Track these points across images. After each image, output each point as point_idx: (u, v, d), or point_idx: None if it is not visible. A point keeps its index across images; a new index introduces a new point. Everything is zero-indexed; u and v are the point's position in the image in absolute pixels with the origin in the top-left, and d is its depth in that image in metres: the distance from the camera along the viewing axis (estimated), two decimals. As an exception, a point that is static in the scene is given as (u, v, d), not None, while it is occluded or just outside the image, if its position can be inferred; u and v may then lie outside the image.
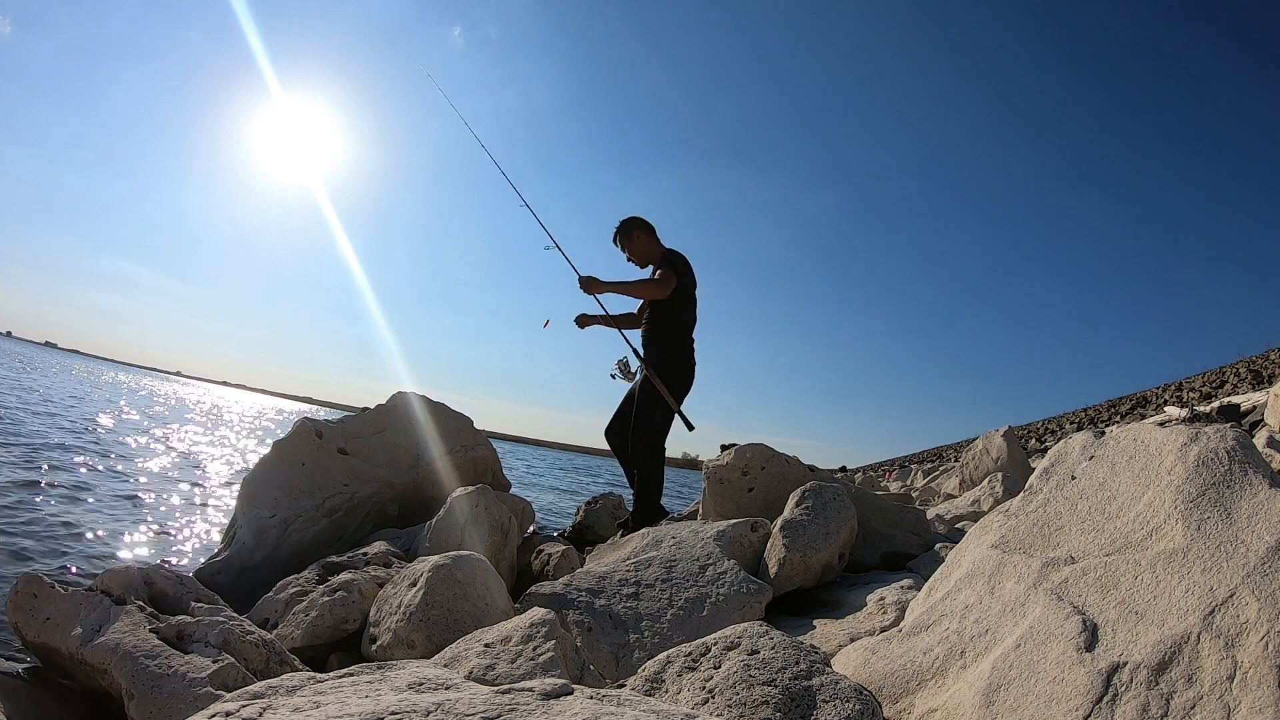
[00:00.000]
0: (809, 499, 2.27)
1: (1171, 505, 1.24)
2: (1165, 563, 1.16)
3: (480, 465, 3.97)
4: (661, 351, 3.56)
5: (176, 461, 8.85)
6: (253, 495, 3.27)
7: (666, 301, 3.54)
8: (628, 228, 3.78)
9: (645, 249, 3.74)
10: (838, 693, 1.15)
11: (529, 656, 1.43)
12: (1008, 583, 1.33)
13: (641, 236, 3.73)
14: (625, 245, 3.78)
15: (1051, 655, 1.11)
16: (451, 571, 1.92)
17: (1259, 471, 1.22)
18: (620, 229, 3.82)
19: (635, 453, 3.45)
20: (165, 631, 1.77)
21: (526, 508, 3.37)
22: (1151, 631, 1.07)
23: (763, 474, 2.92)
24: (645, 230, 3.75)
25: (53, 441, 7.96)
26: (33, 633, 1.85)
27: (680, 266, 3.62)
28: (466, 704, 0.87)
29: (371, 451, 3.63)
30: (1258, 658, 0.96)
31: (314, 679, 1.08)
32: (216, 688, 1.60)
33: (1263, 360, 20.79)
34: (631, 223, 3.79)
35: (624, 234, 3.78)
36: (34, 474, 5.78)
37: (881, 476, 16.14)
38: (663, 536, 2.36)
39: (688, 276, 3.63)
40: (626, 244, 3.76)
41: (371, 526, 3.51)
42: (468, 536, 2.57)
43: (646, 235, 3.74)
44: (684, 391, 3.57)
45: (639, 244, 3.73)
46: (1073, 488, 1.45)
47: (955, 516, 3.66)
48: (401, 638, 1.85)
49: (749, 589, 2.00)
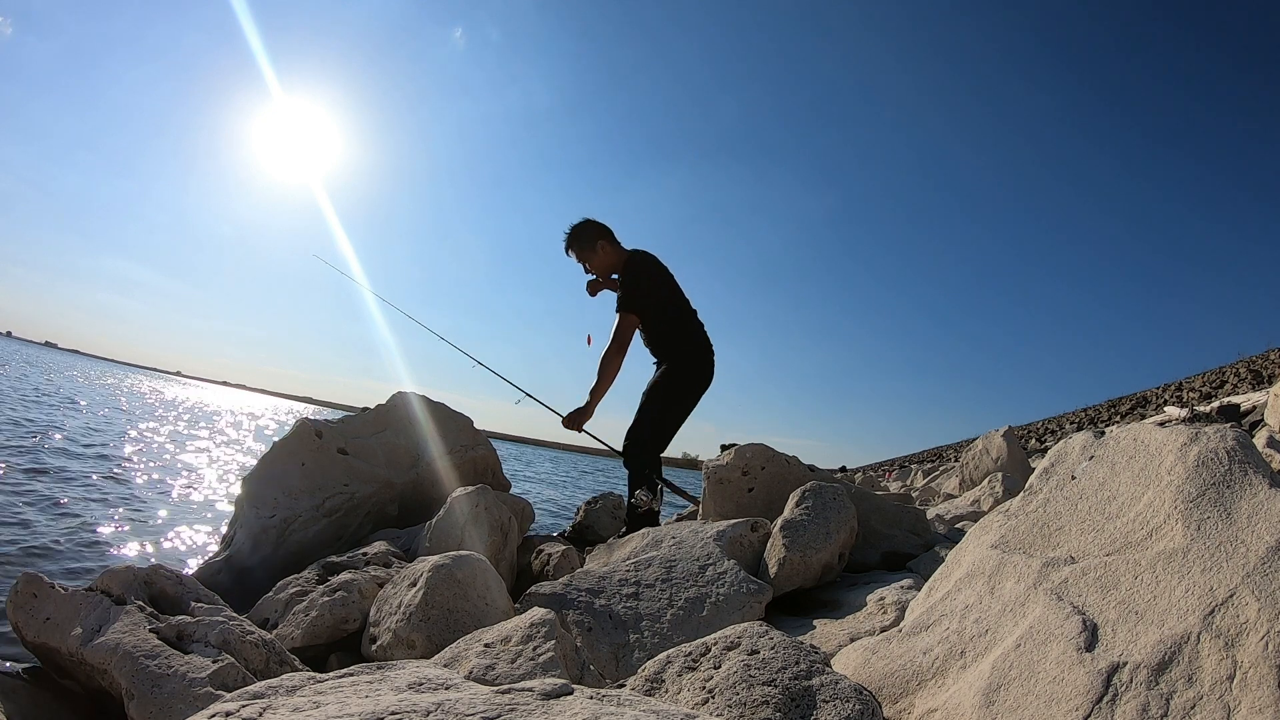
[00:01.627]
0: (809, 499, 2.27)
1: (1171, 505, 1.24)
2: (1165, 563, 1.16)
3: (480, 465, 3.97)
4: (672, 358, 3.35)
5: (176, 462, 8.85)
6: (253, 495, 3.27)
7: (641, 324, 3.25)
8: (589, 238, 3.37)
9: (609, 261, 3.39)
10: (838, 693, 1.15)
11: (529, 656, 1.43)
12: (1008, 583, 1.32)
13: (605, 248, 3.37)
14: (585, 258, 3.40)
15: (1051, 655, 1.11)
16: (451, 571, 1.92)
17: (1259, 471, 1.22)
18: (575, 240, 3.40)
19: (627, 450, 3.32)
20: (165, 631, 1.77)
21: (526, 508, 3.37)
22: (1151, 631, 1.07)
23: (763, 474, 2.91)
24: (607, 239, 3.38)
25: (52, 441, 7.96)
26: (33, 633, 1.85)
27: (638, 286, 3.25)
28: (466, 704, 0.87)
29: (371, 451, 3.63)
30: (1258, 658, 0.96)
31: (314, 679, 1.07)
32: (216, 688, 1.59)
33: (1263, 360, 20.79)
34: (591, 232, 3.38)
35: (582, 245, 3.39)
36: (34, 474, 5.78)
37: (881, 476, 16.14)
38: (663, 536, 2.36)
39: (648, 290, 3.29)
40: (587, 256, 3.39)
41: (371, 526, 3.51)
42: (468, 536, 2.57)
43: (610, 246, 3.37)
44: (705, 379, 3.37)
45: (603, 257, 3.38)
46: (1073, 488, 1.45)
47: (955, 516, 3.66)
48: (401, 638, 1.85)
49: (749, 589, 2.00)
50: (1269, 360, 20.29)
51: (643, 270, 3.32)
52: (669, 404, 3.34)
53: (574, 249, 3.42)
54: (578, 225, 3.40)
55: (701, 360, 3.41)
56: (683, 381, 3.36)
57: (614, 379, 3.29)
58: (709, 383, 3.42)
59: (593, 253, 3.38)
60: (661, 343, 3.42)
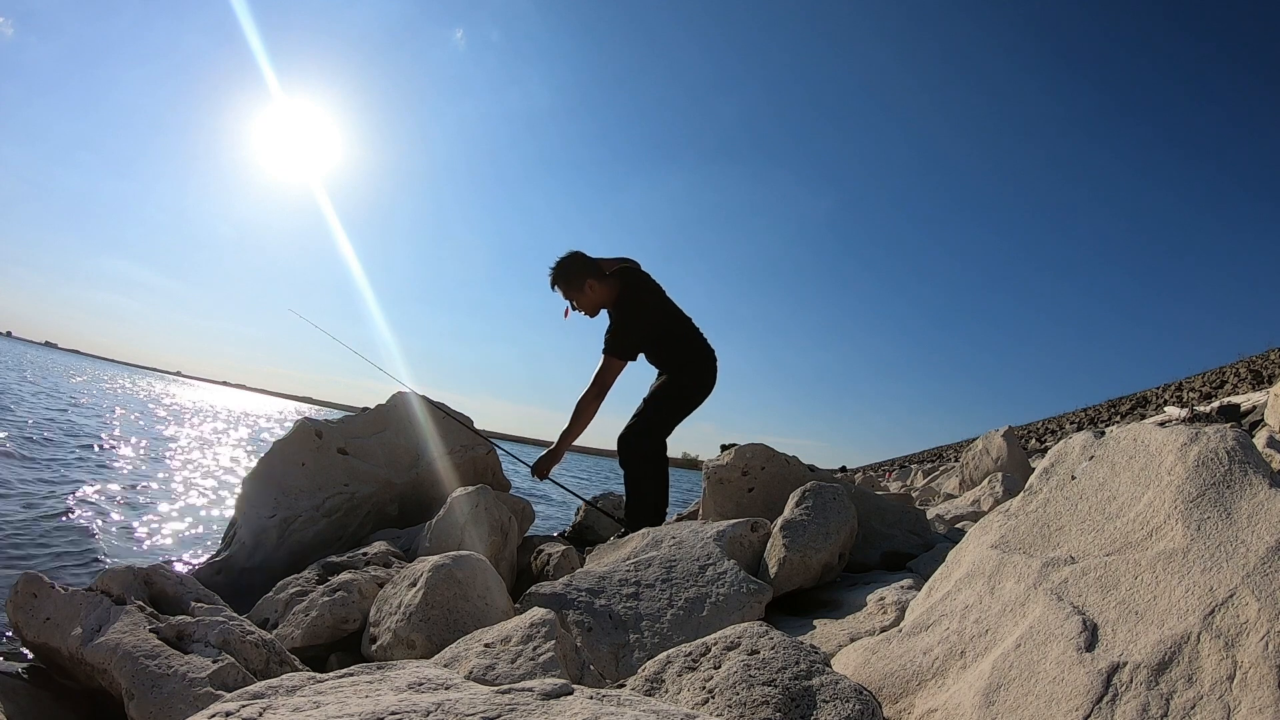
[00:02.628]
0: (809, 499, 2.27)
1: (1171, 505, 1.24)
2: (1165, 563, 1.15)
3: (480, 465, 3.97)
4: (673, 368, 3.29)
5: (176, 462, 8.85)
6: (253, 495, 3.27)
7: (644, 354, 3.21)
8: (577, 277, 3.21)
9: (598, 299, 3.25)
10: (838, 693, 1.15)
11: (529, 656, 1.43)
12: (1008, 583, 1.32)
13: (594, 287, 3.21)
14: (571, 295, 3.25)
15: (1051, 655, 1.11)
16: (451, 571, 1.92)
17: (1259, 471, 1.22)
18: (562, 277, 3.23)
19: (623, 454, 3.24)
20: (165, 631, 1.77)
21: (526, 508, 3.37)
22: (1151, 631, 1.07)
23: (763, 474, 2.91)
24: (596, 277, 3.21)
25: (51, 441, 7.96)
26: (33, 633, 1.85)
27: (628, 330, 3.14)
28: (466, 704, 0.87)
29: (371, 451, 3.63)
30: (1258, 658, 0.96)
31: (314, 679, 1.07)
32: (216, 688, 1.59)
33: (1263, 360, 20.78)
34: (579, 271, 3.22)
35: (569, 283, 3.23)
36: (34, 474, 5.78)
37: (881, 476, 16.14)
38: (663, 536, 2.36)
39: (639, 330, 3.18)
40: (574, 295, 3.24)
41: (371, 526, 3.51)
42: (468, 536, 2.57)
43: (599, 284, 3.21)
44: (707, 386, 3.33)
45: (590, 296, 3.23)
46: (1073, 488, 1.45)
47: (955, 516, 3.66)
48: (401, 638, 1.85)
49: (749, 589, 2.00)
50: (1269, 360, 20.28)
51: (633, 309, 3.21)
52: (667, 408, 3.29)
53: (560, 286, 3.26)
54: (565, 261, 3.25)
55: (704, 368, 3.36)
56: (684, 388, 3.31)
57: (588, 424, 3.19)
58: (710, 390, 3.38)
59: (580, 292, 3.23)
60: (665, 361, 3.39)
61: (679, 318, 3.39)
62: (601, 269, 3.27)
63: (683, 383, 3.33)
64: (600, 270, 3.26)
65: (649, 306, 3.28)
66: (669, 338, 3.33)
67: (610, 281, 3.26)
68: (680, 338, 3.35)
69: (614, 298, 3.24)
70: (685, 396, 3.33)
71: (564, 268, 3.25)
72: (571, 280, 3.23)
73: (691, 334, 3.40)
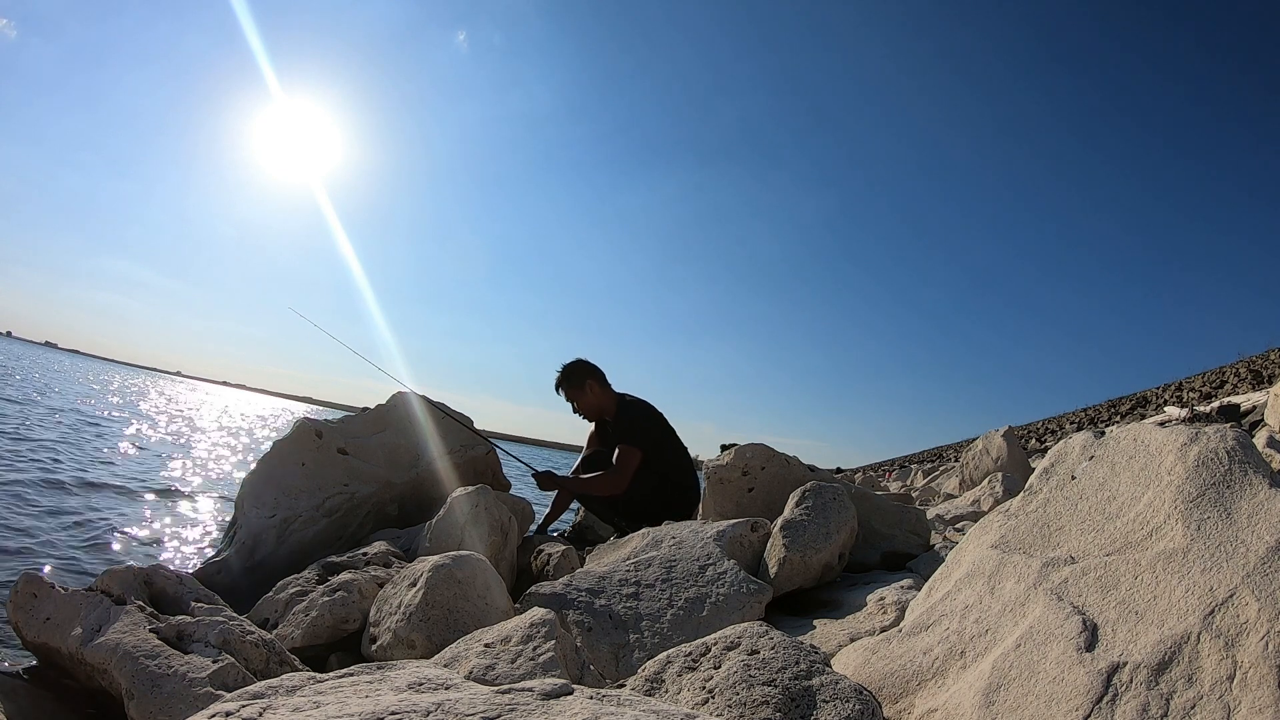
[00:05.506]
0: (809, 499, 2.27)
1: (1171, 505, 1.24)
2: (1165, 563, 1.16)
3: (480, 465, 3.96)
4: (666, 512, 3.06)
5: (176, 461, 8.85)
6: (253, 495, 3.26)
7: (638, 474, 3.12)
8: (579, 377, 3.34)
9: (598, 403, 3.33)
10: (838, 693, 1.15)
11: (529, 656, 1.43)
12: (1008, 583, 1.32)
13: (594, 388, 3.32)
14: (573, 396, 3.36)
15: (1051, 655, 1.11)
16: (451, 571, 1.92)
17: (1259, 471, 1.22)
18: (566, 379, 3.37)
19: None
20: (165, 631, 1.77)
21: (526, 508, 3.36)
22: (1151, 631, 1.07)
23: (763, 474, 2.91)
24: (597, 380, 3.33)
25: (52, 441, 7.96)
26: (33, 633, 1.85)
27: (641, 428, 3.17)
28: (466, 704, 0.87)
29: (371, 451, 3.62)
30: (1258, 658, 0.96)
31: (314, 679, 1.07)
32: (216, 688, 1.59)
33: (1263, 360, 20.77)
34: (581, 371, 3.35)
35: (571, 384, 3.35)
36: (34, 475, 5.78)
37: (881, 476, 16.14)
38: (663, 536, 2.36)
39: (653, 438, 3.20)
40: (575, 395, 3.35)
41: (372, 526, 3.51)
42: (468, 536, 2.57)
43: (599, 386, 3.32)
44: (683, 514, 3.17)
45: (591, 397, 3.32)
46: (1073, 488, 1.45)
47: (955, 516, 3.66)
48: (401, 638, 1.85)
49: (749, 589, 2.00)
50: (1269, 360, 20.27)
51: (642, 410, 3.30)
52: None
53: (563, 387, 3.40)
54: (570, 364, 3.39)
55: (688, 501, 3.30)
56: (670, 498, 3.21)
57: (600, 496, 3.24)
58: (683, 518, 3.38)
59: (580, 391, 3.35)
60: (648, 505, 3.21)
61: (683, 451, 3.38)
62: (605, 378, 3.38)
63: (669, 497, 3.22)
64: (604, 377, 3.37)
65: (656, 418, 3.32)
66: (663, 481, 3.24)
67: (612, 392, 3.37)
68: (671, 485, 3.28)
69: (614, 408, 3.34)
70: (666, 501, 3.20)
71: (568, 368, 3.39)
72: (573, 379, 3.36)
73: (678, 492, 3.31)
